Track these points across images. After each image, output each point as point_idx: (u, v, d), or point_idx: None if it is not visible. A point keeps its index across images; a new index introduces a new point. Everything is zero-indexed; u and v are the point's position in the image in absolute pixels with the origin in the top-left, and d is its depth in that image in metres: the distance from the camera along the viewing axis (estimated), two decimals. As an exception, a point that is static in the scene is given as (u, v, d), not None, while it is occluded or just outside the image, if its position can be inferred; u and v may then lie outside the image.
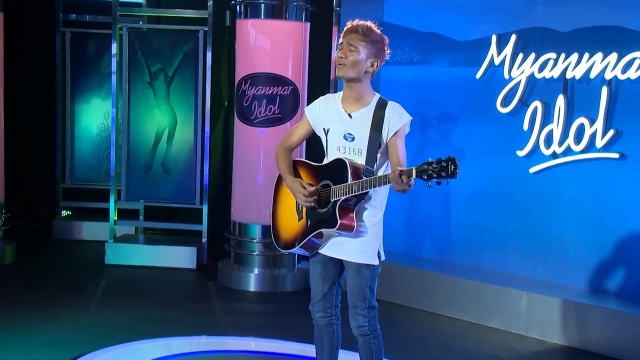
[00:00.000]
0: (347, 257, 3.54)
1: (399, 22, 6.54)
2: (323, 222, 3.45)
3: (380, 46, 3.48)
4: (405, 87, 6.52)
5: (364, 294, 3.55)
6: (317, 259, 3.64)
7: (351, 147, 3.49)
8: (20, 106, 8.26)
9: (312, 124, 3.63)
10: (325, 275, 3.65)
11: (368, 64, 3.46)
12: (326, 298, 3.67)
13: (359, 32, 3.43)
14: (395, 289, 6.19)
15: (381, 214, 3.56)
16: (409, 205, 6.57)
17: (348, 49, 3.43)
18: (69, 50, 8.19)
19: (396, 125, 3.47)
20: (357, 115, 3.50)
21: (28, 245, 7.56)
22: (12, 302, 5.75)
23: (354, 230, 3.42)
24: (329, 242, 3.53)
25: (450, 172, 3.10)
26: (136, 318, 5.46)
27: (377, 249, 3.55)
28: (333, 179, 3.44)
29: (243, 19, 6.36)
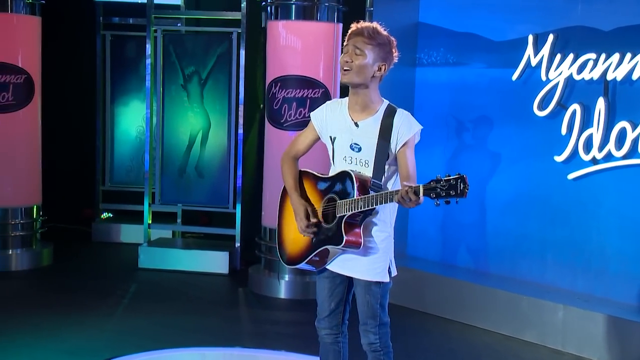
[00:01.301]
0: (355, 274, 3.37)
1: (435, 22, 6.33)
2: (328, 239, 3.28)
3: (387, 49, 3.28)
4: (441, 89, 6.31)
5: (374, 311, 3.39)
6: (324, 275, 3.48)
7: (358, 157, 3.31)
8: (61, 109, 8.34)
9: (319, 131, 3.45)
10: (333, 292, 3.48)
11: (375, 69, 3.26)
12: (333, 315, 3.51)
13: (365, 35, 3.23)
14: (428, 298, 5.99)
15: (391, 228, 3.38)
16: (444, 212, 6.32)
17: (354, 53, 3.24)
18: (109, 53, 8.22)
19: (405, 135, 3.26)
20: (364, 124, 3.31)
21: (67, 248, 7.61)
22: (41, 305, 5.77)
23: (362, 246, 3.25)
24: (337, 257, 3.37)
25: (460, 191, 2.88)
26: (160, 325, 5.40)
27: (387, 265, 3.37)
28: (338, 193, 3.26)
29: (274, 20, 6.25)
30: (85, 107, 8.33)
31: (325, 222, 3.30)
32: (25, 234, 6.98)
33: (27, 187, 7.01)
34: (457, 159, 6.24)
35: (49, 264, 7.08)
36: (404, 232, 6.57)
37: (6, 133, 6.80)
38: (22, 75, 6.79)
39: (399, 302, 6.14)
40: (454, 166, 6.25)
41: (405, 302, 6.09)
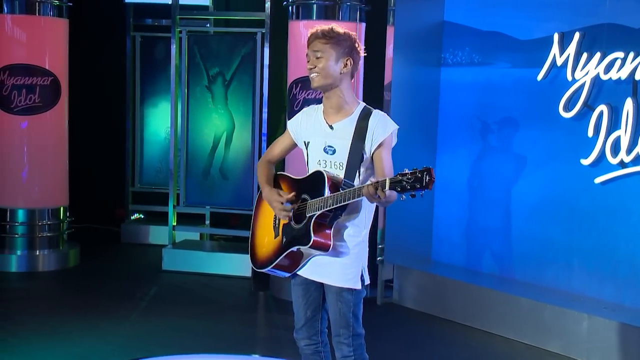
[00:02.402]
0: (326, 280, 3.26)
1: (460, 21, 6.16)
2: (297, 239, 3.18)
3: (348, 43, 3.19)
4: (466, 89, 6.14)
5: (346, 320, 3.26)
6: (297, 281, 3.38)
7: (332, 160, 3.22)
8: (92, 110, 8.40)
9: (294, 137, 3.40)
10: (308, 299, 3.37)
11: (340, 65, 3.17)
12: (310, 324, 3.40)
13: (320, 36, 3.18)
14: (449, 304, 5.84)
15: (365, 232, 3.27)
16: (468, 216, 6.18)
17: (314, 57, 3.18)
18: (139, 55, 8.24)
19: (380, 136, 3.17)
20: (339, 126, 3.23)
21: (95, 249, 7.66)
22: (60, 307, 5.80)
23: (330, 249, 3.14)
24: (307, 263, 3.27)
25: (425, 184, 2.77)
26: (174, 329, 5.36)
27: (359, 271, 3.25)
28: (311, 192, 3.18)
29: (295, 20, 6.16)
30: (115, 108, 8.37)
31: (296, 222, 3.21)
32: (52, 235, 7.03)
33: (54, 189, 7.06)
34: (481, 161, 6.06)
35: (75, 264, 7.12)
36: (428, 237, 6.42)
37: (33, 134, 6.86)
38: (49, 77, 6.84)
39: (420, 308, 6.02)
40: (478, 169, 6.09)
41: (427, 309, 5.97)
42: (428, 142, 6.30)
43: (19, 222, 6.90)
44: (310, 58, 3.20)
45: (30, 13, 6.81)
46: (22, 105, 6.77)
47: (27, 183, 6.91)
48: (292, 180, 3.35)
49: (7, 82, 6.76)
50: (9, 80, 6.76)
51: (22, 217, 6.92)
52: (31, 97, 6.78)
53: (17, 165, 6.87)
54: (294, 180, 3.34)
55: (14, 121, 6.81)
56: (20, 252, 6.90)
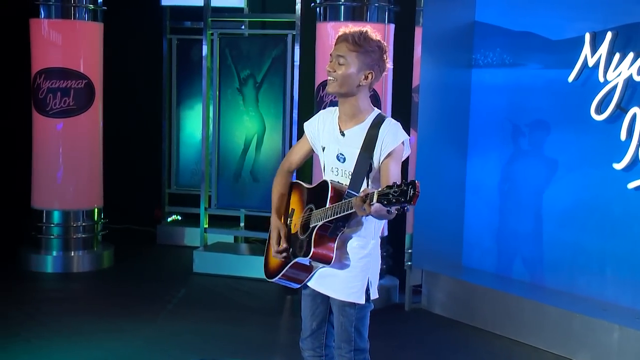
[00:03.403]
0: (330, 292, 3.19)
1: (491, 21, 6.02)
2: (300, 251, 3.12)
3: (376, 56, 3.06)
4: (497, 91, 5.99)
5: (348, 335, 3.18)
6: (307, 292, 3.31)
7: (342, 168, 3.13)
8: (129, 112, 8.48)
9: (311, 142, 3.28)
10: (315, 311, 3.30)
11: (361, 77, 3.05)
12: (315, 336, 3.33)
13: (349, 41, 3.03)
14: (478, 311, 5.70)
15: (373, 244, 3.17)
16: (499, 221, 6.03)
17: (337, 62, 3.05)
18: (175, 57, 8.29)
19: (390, 145, 3.03)
20: (350, 134, 3.12)
21: (131, 250, 7.71)
22: (88, 309, 5.86)
23: (333, 261, 3.05)
24: (315, 274, 3.20)
25: (409, 198, 2.63)
26: (197, 332, 5.35)
27: (364, 285, 3.15)
28: (316, 202, 3.10)
29: (322, 22, 6.10)
30: (152, 110, 8.44)
31: (302, 233, 3.14)
32: (86, 236, 7.12)
33: (89, 190, 7.15)
34: (512, 165, 5.91)
35: (109, 265, 7.19)
36: (459, 242, 6.29)
37: (68, 137, 6.94)
38: (83, 81, 6.92)
39: (448, 314, 5.91)
40: (509, 173, 5.94)
41: (455, 315, 5.85)
42: (458, 145, 6.17)
43: (54, 223, 7.01)
44: (332, 59, 3.07)
45: (66, 17, 6.89)
46: (57, 108, 6.86)
47: (62, 184, 7.01)
48: (303, 189, 3.28)
49: (43, 85, 6.86)
50: (44, 84, 6.86)
51: (57, 218, 7.02)
52: (66, 100, 6.87)
53: (52, 167, 6.97)
54: (305, 189, 3.27)
55: (50, 124, 6.91)
56: (56, 253, 7.00)
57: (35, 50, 6.94)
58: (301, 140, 3.36)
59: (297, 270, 3.19)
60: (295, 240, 3.17)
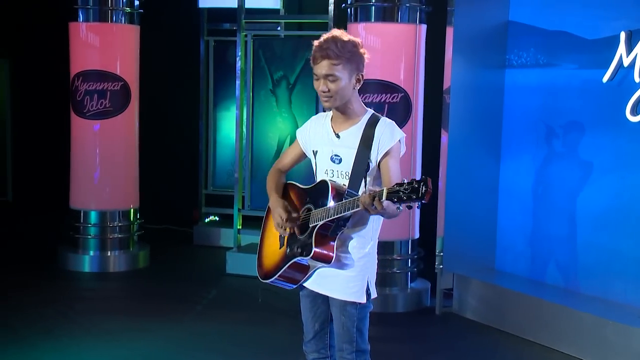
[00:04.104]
0: (330, 293, 3.17)
1: (525, 21, 5.90)
2: (300, 251, 3.10)
3: (357, 56, 3.05)
4: (530, 92, 5.87)
5: (350, 335, 3.15)
6: (305, 293, 3.29)
7: (339, 169, 3.12)
8: (166, 114, 8.57)
9: (302, 146, 3.32)
10: (316, 312, 3.29)
11: (353, 82, 3.07)
12: (318, 337, 3.31)
13: (331, 57, 3.00)
14: (510, 316, 5.59)
15: (372, 244, 3.16)
16: (533, 224, 5.90)
17: (327, 81, 3.02)
18: (212, 59, 8.34)
19: (387, 144, 3.04)
20: (345, 135, 3.12)
21: (167, 250, 7.79)
22: (119, 309, 5.94)
23: (333, 261, 3.04)
24: (313, 274, 3.17)
25: (421, 195, 2.63)
26: (223, 334, 5.36)
27: (364, 284, 3.14)
28: (315, 202, 3.09)
29: (353, 23, 6.05)
30: (189, 112, 8.51)
31: (300, 233, 3.12)
32: (122, 237, 7.21)
33: (125, 191, 7.23)
34: (546, 167, 5.78)
35: (145, 266, 7.27)
36: (492, 246, 6.18)
37: (104, 138, 7.04)
38: (119, 83, 7.01)
39: (479, 319, 5.81)
40: (543, 176, 5.81)
41: (486, 320, 5.75)
42: (491, 147, 6.06)
43: (91, 223, 7.11)
44: (320, 79, 3.04)
45: (103, 21, 6.99)
46: (94, 110, 6.97)
47: (99, 185, 7.11)
48: (300, 189, 3.27)
49: (81, 87, 6.98)
50: (82, 86, 6.97)
51: (94, 218, 7.12)
52: (102, 102, 6.97)
53: (89, 168, 7.08)
54: (302, 190, 3.26)
55: (87, 125, 7.02)
56: (93, 252, 7.11)
57: (73, 53, 7.07)
58: (293, 145, 3.40)
59: (294, 271, 3.18)
60: (294, 241, 3.15)
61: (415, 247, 6.24)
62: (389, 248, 6.08)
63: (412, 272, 6.22)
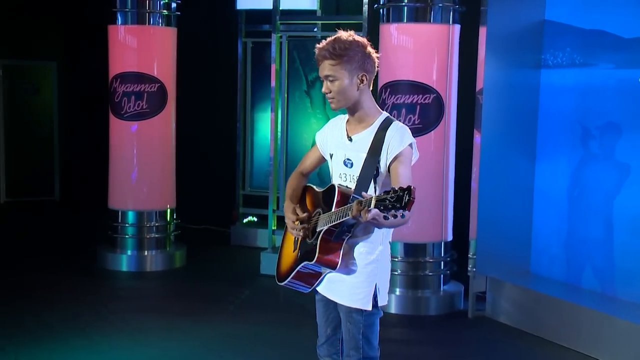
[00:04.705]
0: (337, 298, 3.14)
1: (562, 20, 5.78)
2: (306, 255, 3.07)
3: (360, 56, 3.00)
4: (566, 92, 5.75)
5: (356, 342, 3.12)
6: (319, 297, 3.28)
7: (350, 174, 3.09)
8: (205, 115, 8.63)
9: (321, 150, 3.30)
10: (328, 317, 3.26)
11: (356, 83, 3.01)
12: (330, 342, 3.29)
13: (329, 57, 2.98)
14: (544, 321, 5.48)
15: (381, 250, 3.10)
16: (569, 227, 5.78)
17: (328, 81, 3.02)
18: (250, 60, 8.38)
19: (396, 148, 2.98)
20: (358, 138, 3.08)
21: (204, 251, 7.85)
22: (152, 308, 6.01)
23: (338, 266, 3.00)
24: (324, 278, 3.15)
25: (404, 204, 2.57)
26: (253, 335, 5.38)
27: (372, 291, 3.08)
28: (324, 207, 3.07)
29: (385, 23, 6.01)
30: (227, 113, 8.56)
31: (310, 237, 3.11)
32: (159, 236, 7.29)
33: (161, 191, 7.31)
34: (582, 169, 5.65)
35: (181, 265, 7.34)
36: (527, 249, 6.08)
37: (141, 139, 7.13)
38: (156, 84, 7.09)
39: (513, 323, 5.71)
40: (579, 178, 5.68)
41: (520, 325, 5.65)
42: (526, 148, 5.95)
43: (129, 223, 7.21)
44: (323, 80, 3.05)
45: (141, 23, 7.08)
46: (131, 111, 7.06)
47: (136, 185, 7.20)
48: (315, 193, 3.26)
49: (119, 89, 7.08)
50: (120, 88, 7.07)
51: (132, 218, 7.22)
52: (139, 103, 7.06)
53: (127, 168, 7.17)
54: (317, 193, 3.24)
55: (124, 126, 7.11)
56: (130, 252, 7.20)
57: (112, 55, 7.17)
58: (313, 148, 3.38)
59: (307, 274, 3.17)
60: (304, 245, 3.14)
61: (448, 249, 6.16)
62: (421, 250, 6.03)
63: (444, 275, 6.15)
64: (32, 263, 7.26)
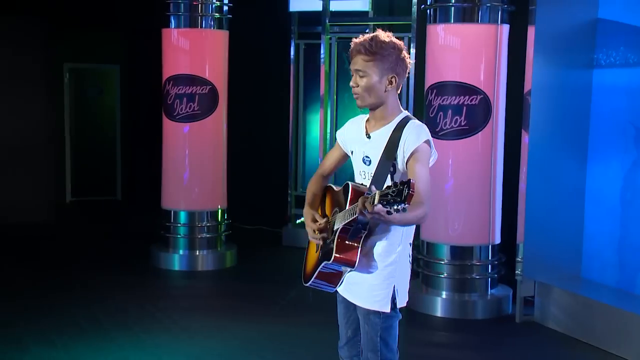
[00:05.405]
0: (355, 300, 3.13)
1: (616, 18, 5.61)
2: (325, 255, 3.06)
3: (393, 57, 2.97)
4: (619, 93, 5.59)
5: (374, 344, 3.09)
6: (340, 299, 3.28)
7: (368, 171, 3.07)
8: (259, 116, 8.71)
9: (342, 147, 3.28)
10: (349, 319, 3.25)
11: (385, 83, 2.99)
12: (351, 344, 3.28)
13: (363, 52, 2.97)
14: (595, 328, 5.33)
15: (401, 250, 3.06)
16: (621, 231, 5.61)
17: (357, 76, 3.00)
18: (302, 61, 8.41)
19: (411, 146, 2.94)
20: (376, 136, 3.07)
21: (255, 251, 7.92)
22: (200, 307, 6.09)
23: (356, 265, 2.97)
24: (344, 280, 3.14)
25: (404, 197, 2.52)
26: (295, 336, 5.38)
27: (390, 293, 3.05)
28: (340, 205, 3.07)
29: (432, 24, 5.95)
30: (279, 114, 8.61)
31: (329, 236, 3.09)
32: (210, 236, 7.39)
33: (213, 191, 7.40)
34: (635, 172, 5.47)
35: (232, 265, 7.42)
36: (578, 253, 5.92)
37: (193, 140, 7.23)
38: (207, 86, 7.18)
39: (562, 329, 5.58)
40: (632, 180, 5.51)
41: (569, 330, 5.52)
42: (577, 150, 5.80)
43: (181, 223, 7.33)
44: (353, 74, 3.04)
45: (193, 26, 7.18)
46: (183, 113, 7.16)
47: (188, 185, 7.31)
48: (334, 192, 3.25)
49: (171, 91, 7.20)
50: (172, 90, 7.19)
51: (183, 218, 7.33)
52: (191, 105, 7.16)
53: (179, 169, 7.29)
54: (335, 192, 3.24)
55: (177, 128, 7.23)
56: (182, 251, 7.32)
57: (165, 58, 7.30)
58: (334, 147, 3.37)
59: (329, 274, 3.15)
60: (324, 245, 3.13)
61: (496, 252, 6.06)
62: (468, 253, 5.95)
63: (492, 278, 6.05)
64: (89, 260, 7.46)
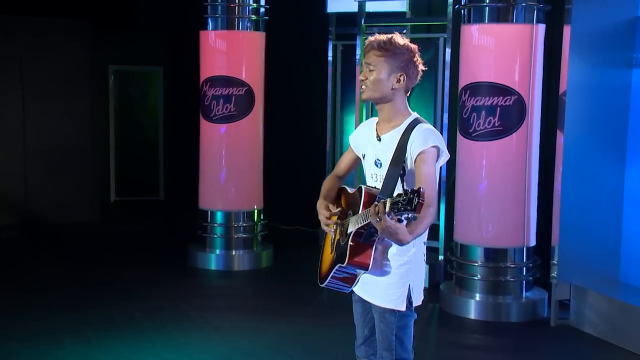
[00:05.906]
0: (371, 299, 3.15)
1: (655, 16, 5.49)
2: (339, 257, 3.07)
3: (405, 57, 3.00)
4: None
5: (389, 343, 3.10)
6: (356, 298, 3.30)
7: (380, 174, 3.09)
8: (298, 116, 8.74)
9: (355, 150, 3.30)
10: (365, 318, 3.27)
11: (393, 81, 3.00)
12: (368, 343, 3.29)
13: (376, 47, 3.02)
14: (632, 333, 5.22)
15: (415, 250, 3.08)
16: (659, 234, 5.48)
17: (367, 69, 3.03)
18: (340, 62, 8.41)
19: (417, 148, 2.95)
20: (386, 139, 3.08)
21: (292, 251, 7.95)
22: (234, 307, 6.16)
23: (370, 267, 2.98)
24: (359, 280, 3.14)
25: (414, 206, 2.56)
26: (326, 337, 5.39)
27: (405, 292, 3.07)
28: (354, 208, 3.07)
29: (466, 24, 5.90)
30: (317, 115, 8.63)
31: (342, 239, 3.11)
32: (246, 236, 7.44)
33: (249, 192, 7.45)
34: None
35: (267, 265, 7.47)
36: (616, 256, 5.80)
37: (229, 141, 7.30)
38: (244, 88, 7.23)
39: (597, 334, 5.48)
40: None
41: (605, 335, 5.42)
42: (615, 151, 5.68)
43: (217, 223, 7.40)
44: (364, 68, 3.08)
45: (230, 28, 7.25)
46: (220, 114, 7.24)
47: (224, 186, 7.37)
48: (348, 194, 3.27)
49: (208, 92, 7.28)
50: (209, 91, 7.27)
51: (220, 218, 7.40)
52: (227, 106, 7.23)
53: (216, 169, 7.36)
54: (349, 195, 3.25)
55: (213, 129, 7.30)
56: (219, 251, 7.39)
57: (203, 59, 7.38)
58: (347, 150, 3.39)
59: (343, 276, 3.16)
60: (338, 247, 3.15)
61: (530, 254, 5.98)
62: (502, 255, 5.88)
63: (527, 281, 5.97)
64: (129, 259, 7.60)
